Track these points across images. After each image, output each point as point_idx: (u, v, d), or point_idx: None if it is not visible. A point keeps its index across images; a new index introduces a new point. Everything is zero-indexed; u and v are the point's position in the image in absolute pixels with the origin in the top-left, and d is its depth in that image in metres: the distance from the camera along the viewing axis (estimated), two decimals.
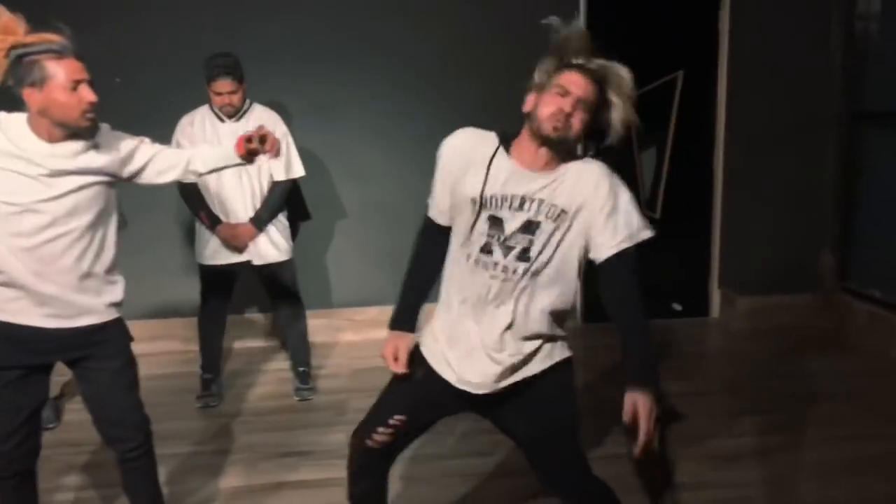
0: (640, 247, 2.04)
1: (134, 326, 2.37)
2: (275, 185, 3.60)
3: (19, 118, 2.06)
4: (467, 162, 1.94)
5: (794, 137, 4.75)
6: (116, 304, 2.25)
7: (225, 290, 3.73)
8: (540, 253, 1.89)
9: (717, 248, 5.00)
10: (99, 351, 2.20)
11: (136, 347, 2.34)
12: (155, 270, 4.49)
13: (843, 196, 4.73)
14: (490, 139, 1.96)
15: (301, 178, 3.69)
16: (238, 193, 3.55)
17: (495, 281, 1.91)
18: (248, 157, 2.34)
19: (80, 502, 2.89)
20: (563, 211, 1.89)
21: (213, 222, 3.56)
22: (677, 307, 5.05)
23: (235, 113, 3.52)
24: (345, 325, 4.73)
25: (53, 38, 2.00)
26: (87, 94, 2.03)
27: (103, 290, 2.20)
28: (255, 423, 3.62)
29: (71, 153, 2.07)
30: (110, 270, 2.23)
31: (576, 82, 1.85)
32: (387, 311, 2.27)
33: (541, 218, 1.89)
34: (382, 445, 2.06)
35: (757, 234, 4.80)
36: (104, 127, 2.20)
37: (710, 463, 3.09)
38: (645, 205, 4.95)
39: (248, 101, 3.58)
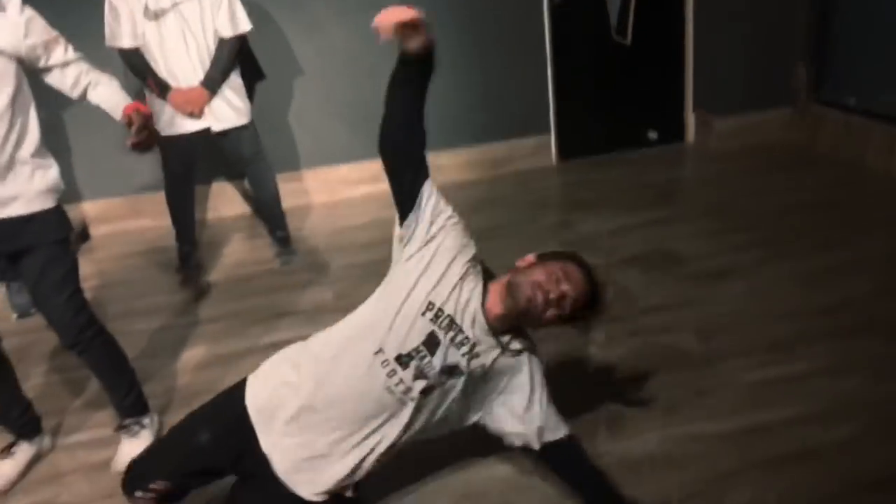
0: (613, 80, 1.88)
1: (101, 206, 2.26)
2: (222, 43, 3.37)
3: None
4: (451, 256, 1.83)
5: None
6: (51, 191, 2.11)
7: (188, 162, 3.57)
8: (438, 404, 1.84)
9: (690, 70, 4.87)
10: (31, 243, 2.08)
11: (108, 227, 2.24)
12: (115, 146, 4.28)
13: (815, 6, 4.56)
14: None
15: (249, 32, 3.44)
16: (184, 55, 3.32)
17: (388, 395, 1.78)
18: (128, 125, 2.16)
19: (59, 384, 2.88)
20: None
21: (163, 89, 3.34)
22: (653, 135, 4.98)
23: None
24: (316, 186, 4.61)
25: None
26: None
27: (34, 175, 2.06)
28: (240, 289, 3.59)
29: None
30: (38, 154, 2.08)
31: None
32: (357, 168, 2.14)
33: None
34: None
35: (730, 52, 4.65)
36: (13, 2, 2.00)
37: (696, 282, 3.13)
38: (615, 31, 4.76)
39: None
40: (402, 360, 1.76)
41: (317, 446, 1.80)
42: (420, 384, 1.77)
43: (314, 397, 1.79)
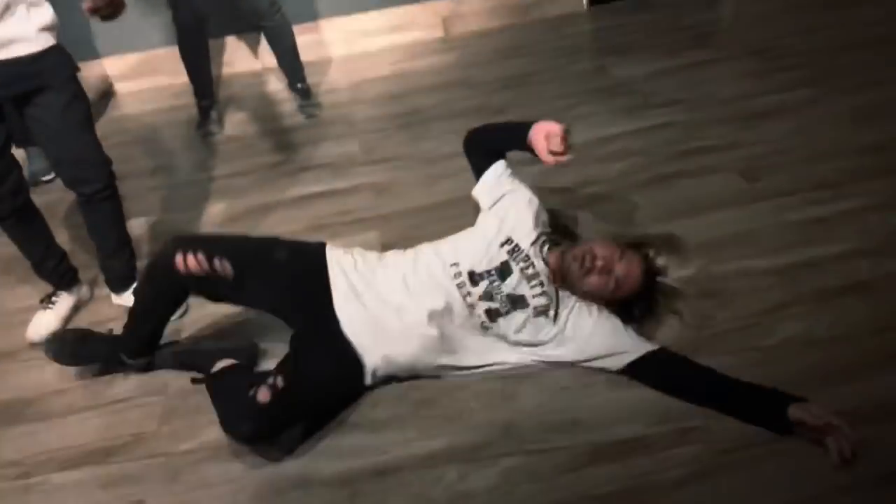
0: None
1: (114, 63, 2.12)
2: None
3: None
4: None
5: None
6: (49, 29, 1.99)
7: (199, 15, 3.37)
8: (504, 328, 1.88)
9: None
10: (42, 84, 1.99)
11: (122, 86, 2.11)
12: None
13: None
14: None
15: None
16: None
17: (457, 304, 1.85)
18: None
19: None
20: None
21: None
22: None
23: None
24: (334, 37, 4.40)
25: None
26: None
27: (30, 14, 1.94)
28: (264, 144, 3.49)
29: None
30: None
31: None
32: (375, 17, 1.98)
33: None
34: (187, 275, 1.83)
35: None
36: None
37: (741, 123, 3.00)
38: None
39: None
40: (474, 277, 1.87)
41: (388, 325, 1.82)
42: (485, 304, 1.84)
43: (390, 282, 1.87)
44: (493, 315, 1.86)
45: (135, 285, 2.35)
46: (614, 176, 2.74)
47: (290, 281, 1.90)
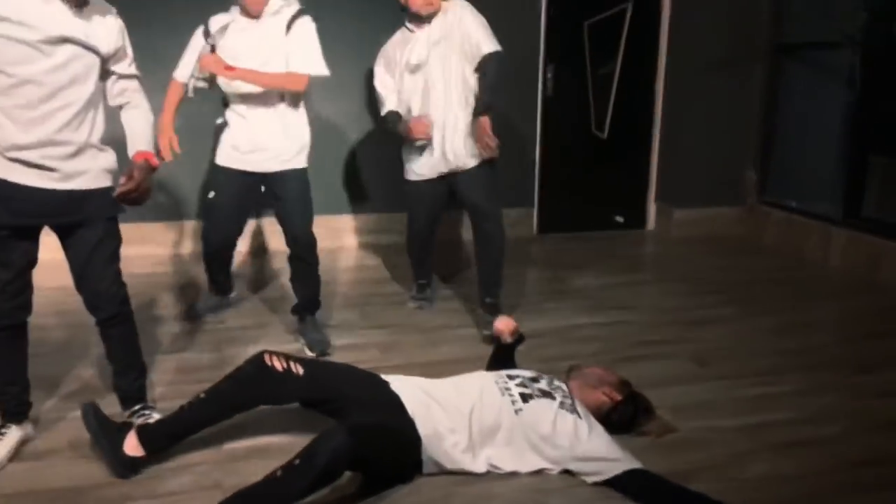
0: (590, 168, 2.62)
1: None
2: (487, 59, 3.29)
3: None
4: None
5: (726, 67, 5.34)
6: (110, 172, 2.35)
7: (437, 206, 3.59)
8: None
9: (655, 167, 5.58)
10: (85, 219, 2.29)
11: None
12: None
13: (765, 120, 5.41)
14: None
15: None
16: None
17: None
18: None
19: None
20: None
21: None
22: (620, 219, 5.60)
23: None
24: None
25: None
26: None
27: (98, 156, 2.31)
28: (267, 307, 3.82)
29: (61, 13, 2.14)
30: (102, 140, 2.33)
31: None
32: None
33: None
34: (273, 372, 2.25)
35: (690, 154, 5.39)
36: (105, 5, 2.30)
37: (684, 326, 3.64)
38: (594, 126, 5.45)
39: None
40: (512, 376, 2.44)
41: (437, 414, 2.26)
42: (518, 389, 2.34)
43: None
44: (525, 398, 2.29)
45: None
46: (589, 353, 3.25)
47: (354, 378, 2.32)
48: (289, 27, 3.05)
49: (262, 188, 3.24)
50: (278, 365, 2.24)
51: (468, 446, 2.24)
